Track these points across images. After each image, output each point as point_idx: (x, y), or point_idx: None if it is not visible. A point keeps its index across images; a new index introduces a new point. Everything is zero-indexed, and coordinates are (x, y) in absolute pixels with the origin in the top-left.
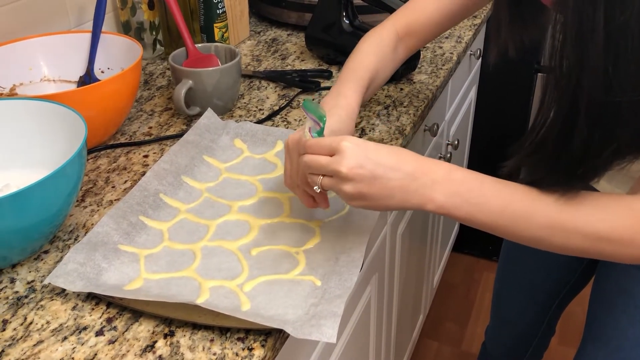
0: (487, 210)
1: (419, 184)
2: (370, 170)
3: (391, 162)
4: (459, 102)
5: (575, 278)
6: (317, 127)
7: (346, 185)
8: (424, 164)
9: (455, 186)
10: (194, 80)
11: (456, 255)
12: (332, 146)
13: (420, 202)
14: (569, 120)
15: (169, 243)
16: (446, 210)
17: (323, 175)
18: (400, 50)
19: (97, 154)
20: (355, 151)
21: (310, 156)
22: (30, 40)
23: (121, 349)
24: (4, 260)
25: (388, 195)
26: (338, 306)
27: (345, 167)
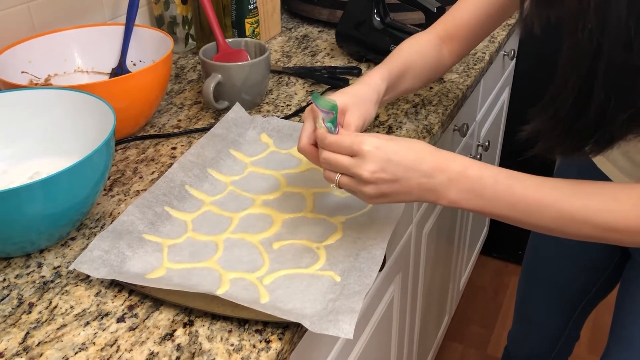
0: (499, 205)
1: (436, 182)
2: (392, 173)
3: (410, 162)
4: (490, 103)
5: (601, 281)
6: (330, 116)
7: (367, 188)
8: (440, 160)
9: (469, 183)
10: (223, 74)
11: (484, 258)
12: (353, 148)
13: (435, 198)
14: (587, 84)
15: (193, 234)
16: (459, 205)
17: (341, 174)
18: (446, 53)
19: (126, 144)
20: (376, 155)
21: (330, 154)
22: (66, 32)
23: (141, 336)
24: (32, 245)
25: (406, 192)
26: (356, 302)
27: (367, 172)
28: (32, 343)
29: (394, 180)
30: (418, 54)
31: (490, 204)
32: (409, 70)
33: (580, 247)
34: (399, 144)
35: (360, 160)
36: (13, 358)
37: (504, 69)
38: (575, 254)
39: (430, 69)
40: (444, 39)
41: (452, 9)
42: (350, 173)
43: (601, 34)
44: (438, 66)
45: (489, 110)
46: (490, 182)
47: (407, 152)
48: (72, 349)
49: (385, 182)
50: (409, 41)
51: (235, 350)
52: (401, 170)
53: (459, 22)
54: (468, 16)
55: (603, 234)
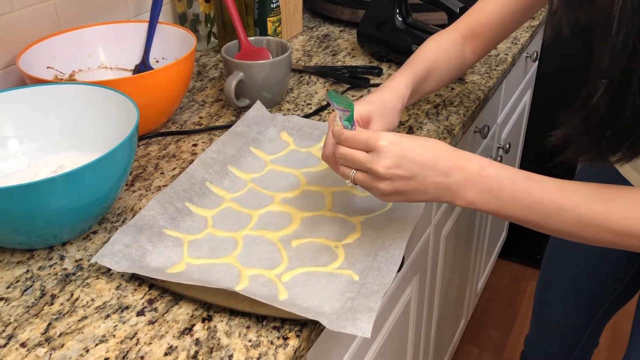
0: (516, 206)
1: (452, 182)
2: (407, 169)
3: (426, 160)
4: (512, 105)
5: (621, 288)
6: (346, 113)
7: (381, 184)
8: (457, 160)
9: (487, 183)
10: (245, 72)
11: (503, 262)
12: (369, 143)
13: (452, 198)
14: (621, 89)
15: (212, 230)
16: (475, 206)
17: (356, 170)
18: (468, 51)
19: (148, 140)
20: (392, 150)
21: (345, 149)
22: (90, 29)
23: (160, 330)
24: (55, 238)
25: (422, 191)
26: (374, 301)
27: (382, 167)
28: (54, 334)
29: (409, 177)
30: (442, 55)
31: (507, 205)
32: (433, 72)
33: (599, 254)
34: (415, 141)
35: (376, 156)
36: (35, 348)
37: (526, 71)
38: (594, 260)
39: (453, 69)
40: (467, 37)
41: (476, 6)
42: (366, 168)
43: (637, 37)
44: (461, 66)
45: (510, 112)
46: (508, 183)
47: (424, 150)
48: (93, 340)
49: (400, 178)
50: (432, 41)
51: (253, 346)
52: (417, 167)
53: (484, 19)
54: (492, 14)
55: (622, 240)
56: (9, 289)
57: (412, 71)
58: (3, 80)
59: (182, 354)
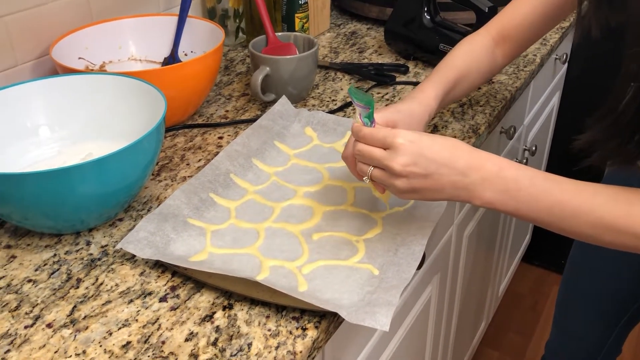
0: (535, 207)
1: (469, 181)
2: (424, 167)
3: (444, 159)
4: (540, 107)
5: None
6: (366, 110)
7: (398, 181)
8: (475, 159)
9: (505, 184)
10: (271, 67)
11: (525, 266)
12: (387, 141)
13: (469, 197)
14: None
15: (235, 221)
16: (493, 206)
17: (374, 167)
18: (499, 55)
19: (175, 132)
20: (409, 148)
21: (363, 146)
22: (121, 21)
23: (182, 316)
24: (82, 223)
25: (438, 189)
26: (394, 296)
27: (399, 165)
28: (79, 316)
29: (425, 175)
30: (472, 61)
31: (525, 206)
32: (463, 79)
33: (624, 260)
34: (434, 140)
35: (393, 153)
36: (61, 329)
37: (555, 72)
38: (618, 266)
39: (483, 74)
40: (498, 40)
41: (508, 8)
42: (382, 165)
43: None
44: (491, 70)
45: (537, 114)
46: (526, 184)
47: (442, 149)
48: (116, 324)
49: (416, 176)
50: (463, 45)
51: (272, 335)
52: (434, 165)
53: (515, 23)
54: (524, 17)
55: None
56: (37, 271)
57: (443, 81)
58: (37, 70)
59: (202, 340)
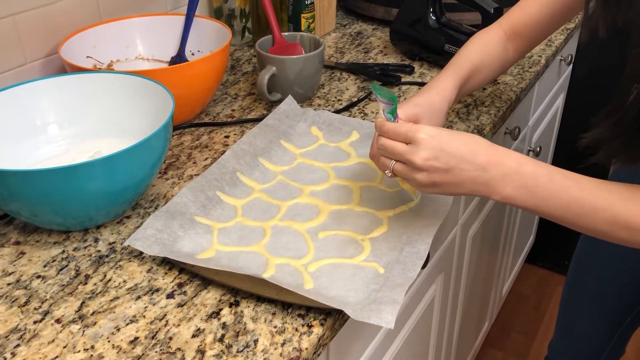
0: (553, 204)
1: (489, 177)
2: (445, 162)
3: (464, 154)
4: (544, 108)
5: None
6: (389, 106)
7: (419, 175)
8: (495, 155)
9: (524, 180)
10: (278, 66)
11: (529, 267)
12: (409, 135)
13: (488, 193)
14: None
15: (242, 219)
16: (512, 202)
17: (396, 161)
18: (511, 49)
19: (182, 131)
20: (430, 143)
21: (386, 140)
22: (129, 20)
23: (189, 313)
24: (90, 220)
25: (458, 184)
26: (399, 294)
27: (420, 159)
28: (87, 312)
29: (446, 170)
30: (486, 55)
31: (543, 203)
32: (477, 72)
33: (628, 260)
34: (454, 135)
35: (415, 147)
36: (69, 324)
37: (560, 74)
38: (622, 266)
39: (496, 69)
40: (510, 36)
41: (517, 6)
42: (404, 159)
43: None
44: (504, 64)
45: (542, 115)
46: (545, 180)
47: (462, 144)
48: (124, 320)
49: (437, 170)
50: (476, 40)
51: (278, 332)
52: (454, 160)
53: (527, 20)
54: (533, 14)
55: None
56: (46, 267)
57: (459, 72)
58: (45, 68)
59: (209, 336)
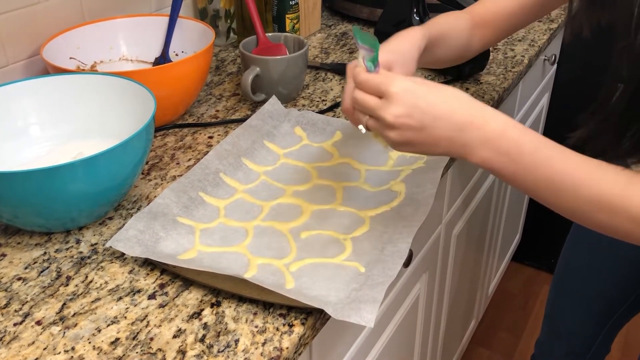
0: (534, 175)
1: (468, 138)
2: (418, 120)
3: (440, 111)
4: (528, 108)
5: (634, 296)
6: (371, 53)
7: (390, 132)
8: (477, 115)
9: (506, 145)
10: (262, 67)
11: (516, 265)
12: (381, 89)
13: (465, 154)
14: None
15: (224, 220)
16: (489, 166)
17: (370, 116)
18: (476, 37)
19: (165, 132)
20: (403, 97)
21: (359, 93)
22: (113, 21)
23: (170, 313)
24: (72, 222)
25: (433, 144)
26: (379, 292)
27: (391, 115)
28: (68, 313)
29: (420, 129)
30: (453, 28)
31: (524, 172)
32: (444, 40)
33: (614, 260)
34: (431, 89)
35: (387, 103)
36: (50, 326)
37: (544, 73)
38: (609, 265)
39: (461, 45)
40: (477, 24)
41: None
42: (375, 115)
43: None
44: (467, 46)
45: (526, 114)
46: (530, 148)
47: (439, 100)
48: (105, 321)
49: (410, 128)
50: (445, 15)
51: (259, 332)
52: (429, 118)
53: (496, 9)
54: (505, 4)
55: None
56: (27, 269)
57: (427, 29)
58: (28, 70)
59: (190, 336)
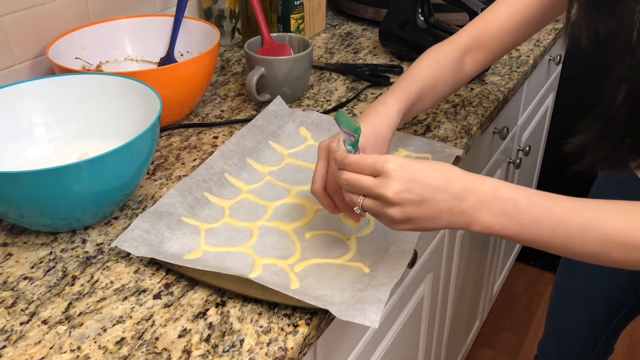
0: (537, 229)
1: (466, 206)
2: (419, 193)
3: (438, 183)
4: (534, 108)
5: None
6: (352, 138)
7: (391, 210)
8: (470, 182)
9: (504, 205)
10: (266, 67)
11: (520, 266)
12: (376, 167)
13: (467, 223)
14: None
15: (229, 219)
16: (493, 231)
17: (364, 196)
18: (468, 63)
19: (171, 132)
20: (401, 173)
21: (351, 175)
22: (118, 22)
23: (175, 313)
24: (78, 222)
25: (434, 217)
26: (383, 293)
27: (391, 192)
28: (74, 313)
29: (420, 202)
30: (438, 73)
31: (527, 228)
32: (428, 92)
33: None
34: (425, 164)
35: (384, 180)
36: (56, 325)
37: (549, 73)
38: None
39: (449, 87)
40: (472, 47)
41: (485, 14)
42: (374, 194)
43: None
44: (457, 83)
45: (531, 114)
46: (526, 204)
47: (434, 173)
48: (110, 320)
49: (411, 203)
50: (428, 56)
51: (264, 332)
52: (429, 191)
53: (494, 28)
54: (503, 23)
55: None
56: (33, 269)
57: (406, 94)
58: (33, 70)
59: (195, 336)
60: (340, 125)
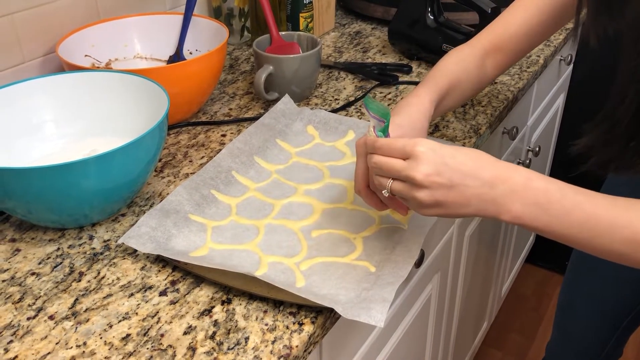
0: (567, 222)
1: (497, 193)
2: (448, 177)
3: (469, 169)
4: (544, 108)
5: None
6: (381, 124)
7: (420, 193)
8: (502, 170)
9: (534, 196)
10: (275, 66)
11: (529, 267)
12: (406, 150)
13: (496, 212)
14: None
15: (236, 217)
16: (522, 221)
17: (393, 179)
18: (489, 66)
19: (179, 129)
20: (431, 157)
21: (380, 157)
22: (128, 20)
23: (181, 310)
24: (86, 218)
25: (464, 203)
26: (389, 293)
27: (421, 174)
28: (80, 309)
29: (450, 187)
30: (462, 71)
31: (557, 220)
32: (454, 89)
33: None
34: (456, 149)
35: (414, 162)
36: (62, 321)
37: (559, 74)
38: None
39: (473, 86)
40: (490, 51)
41: (500, 19)
42: (403, 176)
43: None
44: (481, 82)
45: (541, 115)
46: (557, 196)
47: (465, 158)
48: (116, 317)
49: (440, 187)
50: (452, 56)
51: (269, 329)
52: (458, 176)
53: (510, 32)
54: (519, 26)
55: None
56: (41, 264)
57: (436, 86)
58: (43, 67)
59: (200, 333)
60: (369, 111)
